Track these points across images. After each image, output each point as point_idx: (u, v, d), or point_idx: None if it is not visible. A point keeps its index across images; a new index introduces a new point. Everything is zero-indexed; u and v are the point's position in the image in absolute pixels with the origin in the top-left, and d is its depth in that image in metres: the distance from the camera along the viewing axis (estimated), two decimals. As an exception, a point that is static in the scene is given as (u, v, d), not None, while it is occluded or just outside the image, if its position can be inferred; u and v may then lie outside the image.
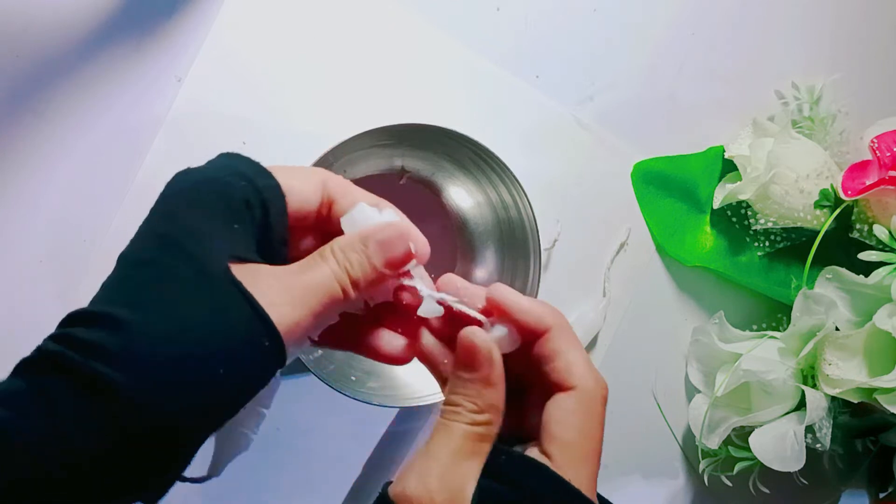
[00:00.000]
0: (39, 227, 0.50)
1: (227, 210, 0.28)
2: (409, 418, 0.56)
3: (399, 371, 0.54)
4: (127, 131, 0.51)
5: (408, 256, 0.30)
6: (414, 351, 0.33)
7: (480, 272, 0.55)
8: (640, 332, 0.61)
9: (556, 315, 0.31)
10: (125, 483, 0.25)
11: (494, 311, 0.31)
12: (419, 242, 0.31)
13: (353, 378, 0.51)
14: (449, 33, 0.56)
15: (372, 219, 0.31)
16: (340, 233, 0.31)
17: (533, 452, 0.30)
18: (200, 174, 0.29)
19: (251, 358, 0.27)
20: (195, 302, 0.26)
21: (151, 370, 0.25)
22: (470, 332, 0.30)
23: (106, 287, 0.27)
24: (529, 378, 0.32)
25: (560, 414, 0.30)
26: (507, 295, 0.31)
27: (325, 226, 0.32)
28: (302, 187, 0.30)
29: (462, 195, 0.55)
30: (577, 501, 0.29)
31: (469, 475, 0.29)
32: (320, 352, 0.50)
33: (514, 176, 0.49)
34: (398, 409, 0.56)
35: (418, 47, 0.56)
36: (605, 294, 0.59)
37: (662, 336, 0.61)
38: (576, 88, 0.59)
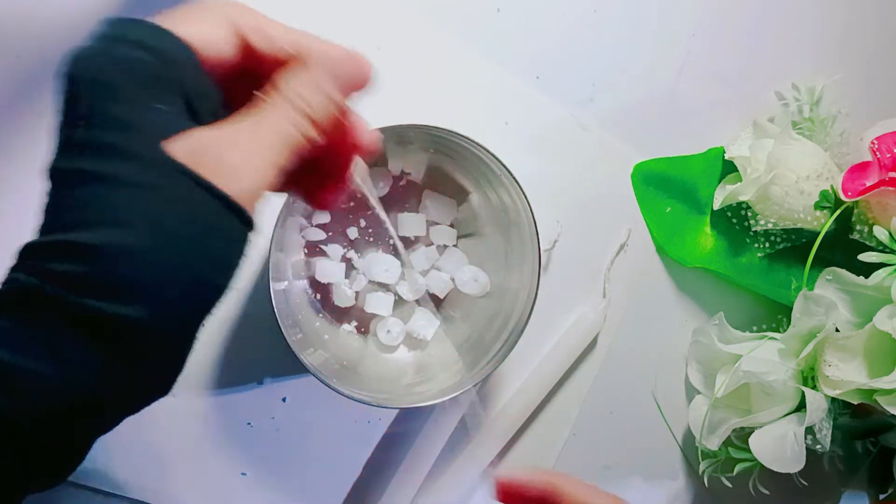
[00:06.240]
0: (39, 227, 0.50)
1: (144, 92, 0.25)
2: (408, 419, 0.56)
3: (400, 372, 0.54)
4: (127, 131, 0.51)
5: (364, 80, 0.29)
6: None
7: (480, 274, 0.55)
8: (640, 333, 0.61)
9: (550, 474, 0.33)
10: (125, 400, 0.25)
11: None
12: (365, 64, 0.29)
13: (353, 379, 0.51)
14: (449, 34, 0.56)
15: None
16: (265, 72, 0.28)
17: None
18: (99, 58, 0.25)
19: (230, 244, 0.26)
20: (158, 206, 0.24)
21: (153, 297, 0.24)
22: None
23: (54, 208, 0.25)
24: None
25: None
26: (513, 475, 0.33)
27: (249, 65, 0.29)
28: (211, 37, 0.27)
29: (461, 196, 0.55)
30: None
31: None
32: (322, 354, 0.51)
33: (513, 176, 0.49)
34: (398, 410, 0.56)
35: (418, 48, 0.56)
36: (605, 295, 0.59)
37: (662, 337, 0.61)
38: (576, 89, 0.59)
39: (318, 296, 0.54)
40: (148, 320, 0.24)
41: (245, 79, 0.29)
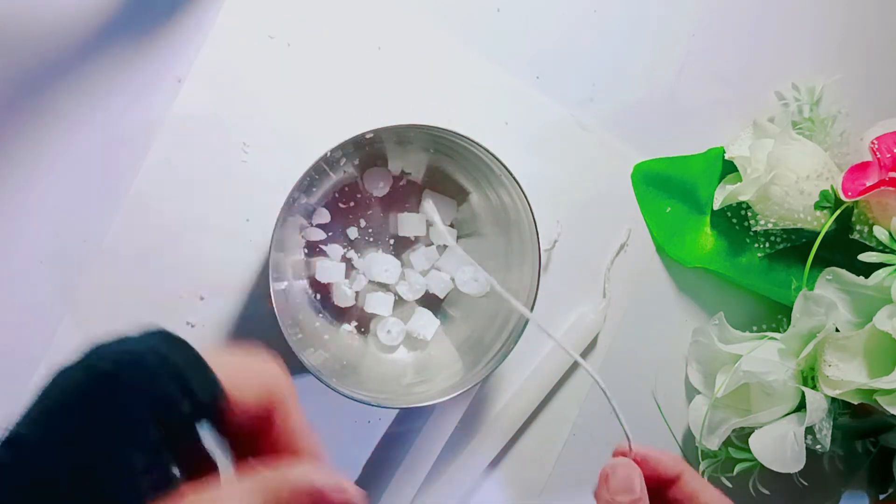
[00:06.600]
0: (39, 227, 0.50)
1: (160, 441, 0.25)
2: (408, 419, 0.56)
3: (400, 372, 0.54)
4: (127, 131, 0.51)
5: None
6: None
7: (479, 273, 0.55)
8: (640, 333, 0.61)
9: (680, 461, 0.36)
10: None
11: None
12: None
13: (353, 379, 0.51)
14: (449, 34, 0.56)
15: None
16: (272, 438, 0.28)
17: None
18: (136, 384, 0.25)
19: None
20: None
21: None
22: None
23: None
24: None
25: None
26: (648, 452, 0.36)
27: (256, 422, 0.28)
28: (245, 400, 0.27)
29: (461, 196, 0.55)
30: None
31: None
32: (322, 354, 0.51)
33: (513, 177, 0.49)
34: (398, 410, 0.56)
35: (418, 48, 0.56)
36: (605, 295, 0.59)
37: (662, 337, 0.61)
38: (576, 89, 0.59)
39: (318, 296, 0.54)
40: None
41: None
